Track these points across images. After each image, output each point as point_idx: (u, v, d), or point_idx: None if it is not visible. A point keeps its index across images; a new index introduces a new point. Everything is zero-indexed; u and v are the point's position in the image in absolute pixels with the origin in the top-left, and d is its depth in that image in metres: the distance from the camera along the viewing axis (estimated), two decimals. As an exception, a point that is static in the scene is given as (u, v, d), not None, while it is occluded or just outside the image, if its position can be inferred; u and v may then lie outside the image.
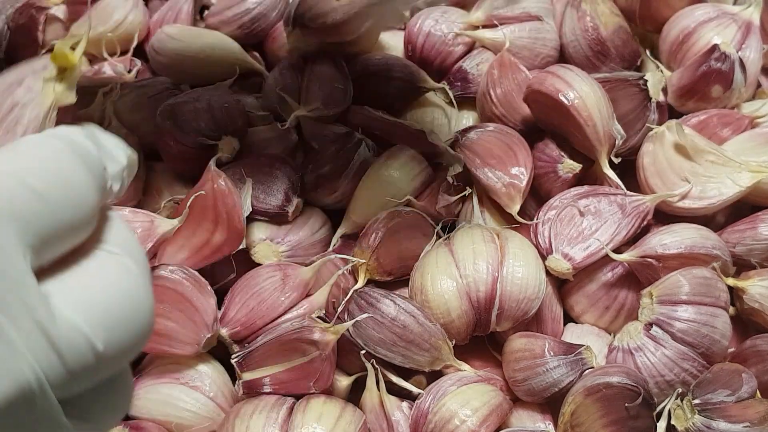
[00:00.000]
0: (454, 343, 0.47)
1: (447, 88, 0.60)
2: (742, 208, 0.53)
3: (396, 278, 0.51)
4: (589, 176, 0.56)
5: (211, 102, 0.55)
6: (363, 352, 0.46)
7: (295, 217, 0.53)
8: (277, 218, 0.52)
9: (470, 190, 0.54)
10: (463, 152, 0.54)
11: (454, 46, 0.62)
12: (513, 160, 0.54)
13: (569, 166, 0.54)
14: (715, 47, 0.56)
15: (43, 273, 0.21)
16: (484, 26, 0.61)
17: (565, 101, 0.52)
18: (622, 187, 0.53)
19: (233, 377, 0.47)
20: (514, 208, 0.52)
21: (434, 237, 0.51)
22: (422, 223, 0.52)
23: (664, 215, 0.52)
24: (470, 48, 0.62)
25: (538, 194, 0.55)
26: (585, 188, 0.53)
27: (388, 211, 0.51)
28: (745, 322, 0.51)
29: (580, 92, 0.52)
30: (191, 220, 0.49)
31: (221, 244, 0.49)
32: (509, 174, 0.53)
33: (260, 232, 0.52)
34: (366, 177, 0.53)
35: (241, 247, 0.49)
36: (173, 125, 0.54)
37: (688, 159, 0.53)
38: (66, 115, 0.40)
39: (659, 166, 0.53)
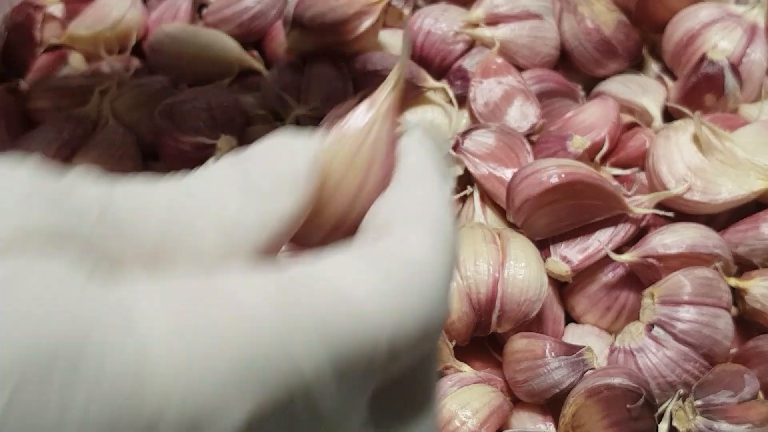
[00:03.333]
0: (454, 344, 0.47)
1: (447, 87, 0.60)
2: (745, 207, 0.53)
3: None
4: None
5: (210, 101, 0.54)
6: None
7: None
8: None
9: (471, 190, 0.54)
10: (464, 154, 0.54)
11: (454, 44, 0.61)
12: (514, 161, 0.53)
13: (579, 142, 0.54)
14: (703, 56, 0.56)
15: None
16: (488, 23, 0.61)
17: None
18: (622, 187, 0.53)
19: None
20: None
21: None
22: None
23: (665, 210, 0.52)
24: (470, 46, 0.62)
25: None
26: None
27: None
28: (747, 322, 0.51)
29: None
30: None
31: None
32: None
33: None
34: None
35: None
36: (171, 124, 0.53)
37: (699, 153, 0.52)
38: None
39: (669, 152, 0.53)
